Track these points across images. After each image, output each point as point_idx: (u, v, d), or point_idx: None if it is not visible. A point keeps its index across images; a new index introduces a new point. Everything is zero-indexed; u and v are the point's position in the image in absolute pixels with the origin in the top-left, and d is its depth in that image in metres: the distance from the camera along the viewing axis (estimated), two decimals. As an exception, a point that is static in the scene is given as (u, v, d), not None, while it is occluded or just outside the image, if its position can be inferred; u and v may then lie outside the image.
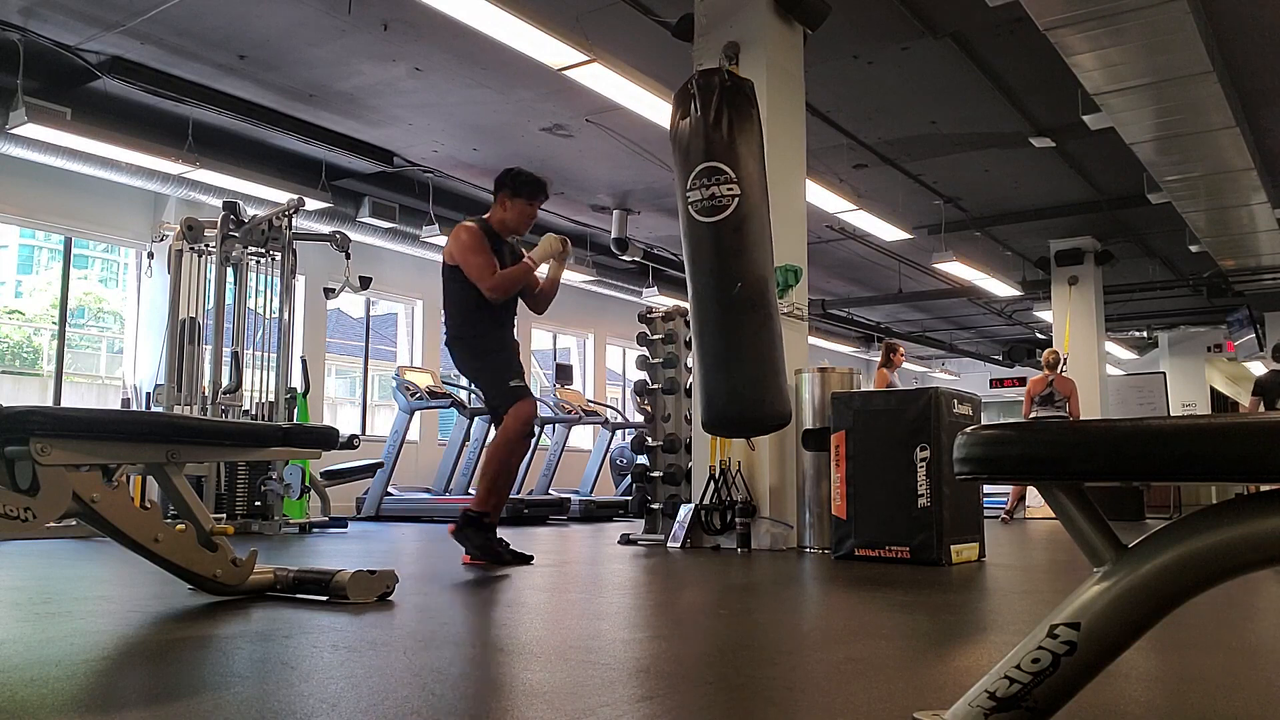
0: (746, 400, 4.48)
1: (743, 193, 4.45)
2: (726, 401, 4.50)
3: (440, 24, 5.98)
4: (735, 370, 4.45)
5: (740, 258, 4.46)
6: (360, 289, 7.10)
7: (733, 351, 4.45)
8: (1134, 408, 13.11)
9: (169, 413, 5.77)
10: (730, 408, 4.50)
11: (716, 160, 4.46)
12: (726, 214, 4.44)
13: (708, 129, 4.48)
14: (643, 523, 6.06)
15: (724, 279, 4.45)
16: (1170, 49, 5.62)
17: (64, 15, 6.22)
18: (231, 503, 6.43)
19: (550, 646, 2.13)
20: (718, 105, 4.48)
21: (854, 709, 1.53)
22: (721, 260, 4.46)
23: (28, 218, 8.35)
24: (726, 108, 4.50)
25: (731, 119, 4.50)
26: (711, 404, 4.55)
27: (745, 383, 4.45)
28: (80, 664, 1.85)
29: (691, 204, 4.53)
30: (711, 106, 4.48)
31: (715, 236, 4.47)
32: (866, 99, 7.53)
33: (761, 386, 4.48)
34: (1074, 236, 11.52)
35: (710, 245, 4.49)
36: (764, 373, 4.48)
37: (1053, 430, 1.15)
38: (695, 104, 4.53)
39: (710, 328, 4.50)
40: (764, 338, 4.48)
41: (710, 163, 4.47)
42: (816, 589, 3.52)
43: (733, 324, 4.45)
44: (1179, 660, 2.00)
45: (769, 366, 4.50)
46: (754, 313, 4.45)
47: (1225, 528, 1.07)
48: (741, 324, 4.45)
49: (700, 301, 4.56)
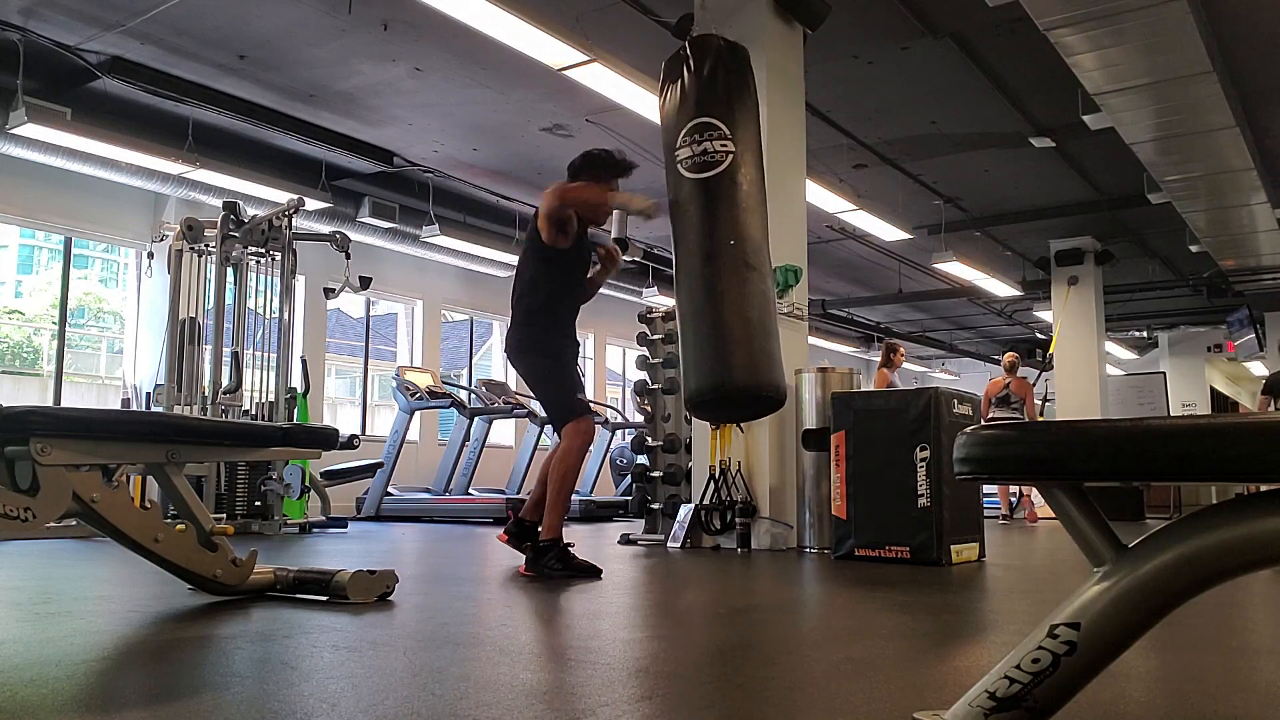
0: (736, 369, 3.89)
1: (737, 151, 4.10)
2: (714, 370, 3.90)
3: (440, 24, 5.98)
4: (724, 334, 3.89)
5: (733, 214, 4.02)
6: (360, 289, 7.10)
7: (721, 313, 3.90)
8: (1134, 408, 13.11)
9: (169, 413, 5.78)
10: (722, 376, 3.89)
11: (710, 116, 4.11)
12: (720, 169, 4.03)
13: (701, 85, 4.16)
14: (643, 523, 6.06)
15: (715, 234, 3.98)
16: (1170, 49, 5.62)
17: (64, 15, 6.22)
18: (231, 503, 6.43)
19: (550, 646, 2.13)
20: (713, 65, 4.19)
21: (854, 709, 1.53)
22: (712, 215, 4.00)
23: (28, 218, 8.35)
24: (723, 68, 4.21)
25: (730, 80, 4.21)
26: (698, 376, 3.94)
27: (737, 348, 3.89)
28: (80, 664, 1.85)
29: (680, 161, 4.11)
30: (706, 65, 4.19)
31: (705, 191, 4.04)
32: (866, 99, 7.52)
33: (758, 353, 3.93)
34: (1074, 236, 11.52)
35: (701, 201, 4.04)
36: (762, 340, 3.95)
37: (1053, 430, 1.15)
38: (688, 65, 4.21)
39: (697, 289, 3.97)
40: (759, 302, 4.00)
41: (704, 118, 4.11)
42: (816, 589, 3.52)
43: (722, 282, 3.92)
44: (1179, 660, 2.00)
45: (763, 335, 3.97)
46: (749, 273, 3.96)
47: (1225, 528, 1.07)
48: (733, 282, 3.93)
49: (686, 260, 4.04)
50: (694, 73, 4.20)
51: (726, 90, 4.19)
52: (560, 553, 3.66)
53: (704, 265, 3.96)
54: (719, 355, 3.89)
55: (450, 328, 13.78)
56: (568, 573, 3.63)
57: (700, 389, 3.94)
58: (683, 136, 4.14)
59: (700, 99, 4.15)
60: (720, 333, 3.90)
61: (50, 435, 2.22)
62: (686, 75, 4.21)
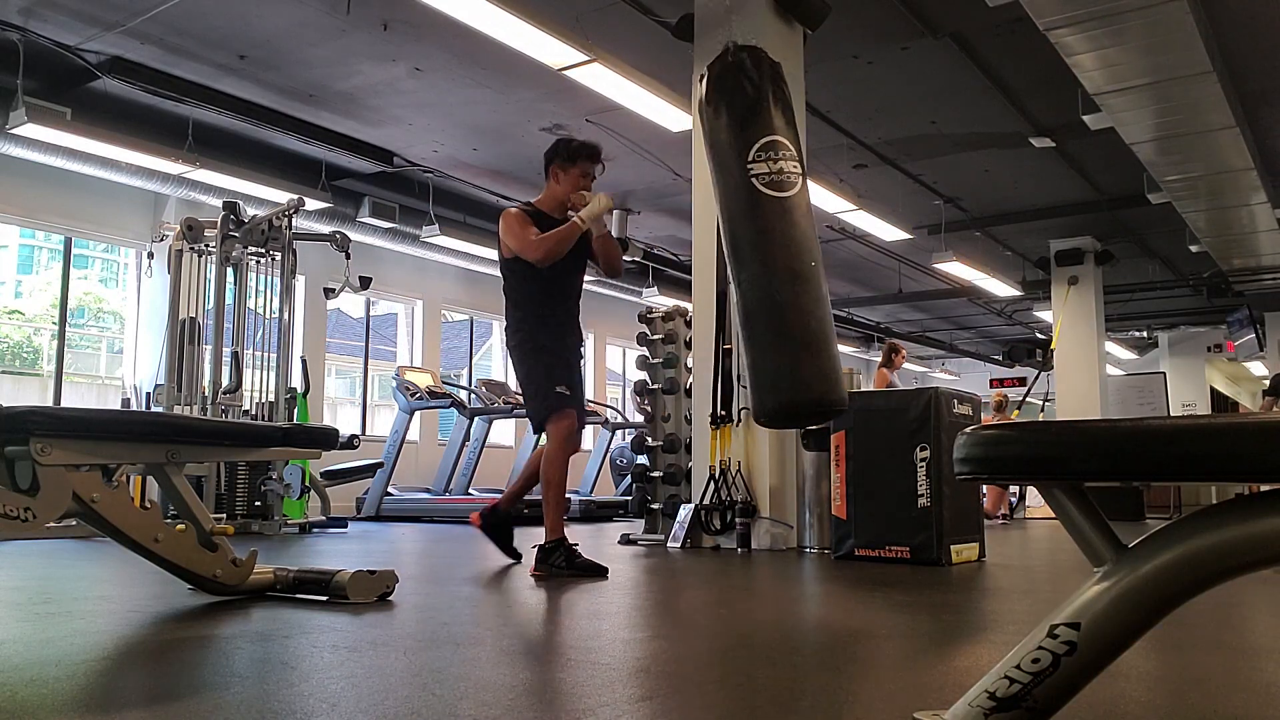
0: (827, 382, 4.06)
1: (803, 175, 4.25)
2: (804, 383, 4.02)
3: (440, 24, 5.98)
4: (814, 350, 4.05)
5: (809, 236, 4.19)
6: (360, 289, 7.11)
7: (811, 330, 4.06)
8: (1134, 408, 13.10)
9: (169, 413, 5.78)
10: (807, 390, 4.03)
11: (781, 136, 4.21)
12: (794, 192, 4.17)
13: (769, 103, 4.23)
14: (643, 523, 6.06)
15: (802, 254, 4.11)
16: (1170, 49, 5.62)
17: (64, 15, 6.22)
18: (231, 503, 6.43)
19: (550, 646, 2.13)
20: (774, 82, 4.28)
21: (854, 709, 1.53)
22: (795, 234, 4.12)
23: (28, 218, 8.35)
24: (781, 87, 4.31)
25: (787, 101, 4.32)
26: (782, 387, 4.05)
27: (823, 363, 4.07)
28: (80, 664, 1.85)
29: (756, 176, 4.15)
30: (768, 80, 4.26)
31: (785, 211, 4.14)
32: (866, 99, 7.52)
33: (837, 368, 4.17)
34: (1074, 236, 11.52)
35: (783, 219, 4.13)
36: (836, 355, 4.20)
37: (1053, 430, 1.15)
38: (748, 77, 4.25)
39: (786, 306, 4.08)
40: (829, 322, 4.20)
41: (776, 137, 4.19)
42: (816, 589, 3.52)
43: (810, 301, 4.08)
44: (1179, 660, 1.99)
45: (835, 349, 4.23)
46: (823, 295, 4.17)
47: (1225, 528, 1.07)
48: (814, 301, 4.10)
49: (767, 277, 4.10)
50: (758, 86, 4.23)
51: (787, 113, 4.28)
52: (566, 552, 3.71)
53: (790, 284, 4.07)
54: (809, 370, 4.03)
55: (450, 328, 13.79)
56: (573, 571, 3.67)
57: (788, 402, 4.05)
58: (755, 152, 4.17)
59: (771, 120, 4.21)
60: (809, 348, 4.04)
61: (50, 435, 2.22)
62: (749, 87, 4.24)
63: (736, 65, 4.29)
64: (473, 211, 10.08)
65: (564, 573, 3.66)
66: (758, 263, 4.15)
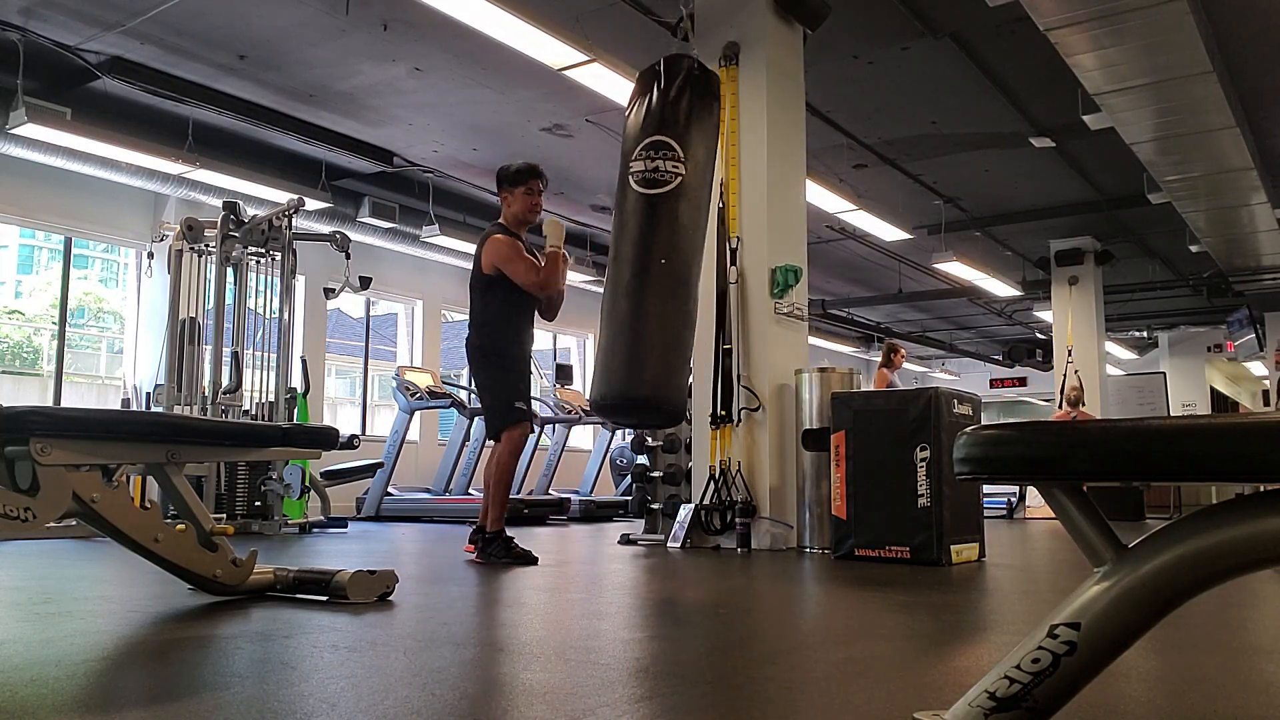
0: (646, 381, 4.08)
1: (686, 174, 4.31)
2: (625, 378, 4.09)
3: (440, 24, 5.98)
4: (641, 346, 4.10)
5: (671, 234, 4.25)
6: (360, 289, 7.10)
7: (642, 325, 4.13)
8: (1134, 408, 13.11)
9: (169, 413, 5.78)
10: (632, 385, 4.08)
11: (667, 136, 4.34)
12: (666, 189, 4.27)
13: (665, 105, 4.38)
14: (643, 523, 6.06)
15: (649, 250, 4.21)
16: (1170, 49, 5.62)
17: (64, 15, 6.22)
18: (231, 503, 6.43)
19: (550, 646, 2.13)
20: (681, 86, 4.41)
21: (854, 709, 1.53)
22: (651, 231, 4.24)
23: (28, 218, 8.35)
24: (689, 91, 4.42)
25: (692, 103, 4.41)
26: (608, 379, 4.13)
27: (649, 360, 4.09)
28: (80, 664, 1.85)
29: (633, 173, 4.33)
30: (674, 86, 4.40)
31: (650, 208, 4.27)
32: (866, 99, 7.52)
33: (666, 369, 4.14)
34: (1074, 236, 11.52)
35: (642, 216, 4.27)
36: (671, 358, 4.17)
37: (1053, 430, 1.15)
38: (659, 82, 4.43)
39: (622, 298, 4.18)
40: (677, 321, 4.20)
41: (660, 136, 4.33)
42: (816, 589, 3.52)
43: (648, 298, 4.15)
44: (1179, 660, 2.00)
45: (677, 353, 4.19)
46: (673, 294, 4.18)
47: (1225, 528, 1.07)
48: (656, 299, 4.15)
49: (617, 269, 4.26)
50: (661, 91, 4.42)
51: (689, 113, 4.40)
52: (504, 544, 4.23)
53: (633, 279, 4.21)
54: (632, 365, 4.13)
55: (450, 328, 13.78)
56: (509, 559, 4.18)
57: (608, 393, 4.15)
58: (639, 150, 4.37)
59: (663, 118, 4.38)
60: (638, 344, 4.15)
61: (50, 435, 2.22)
62: (655, 92, 4.44)
63: (652, 71, 4.50)
64: (473, 211, 10.08)
65: (500, 561, 4.18)
66: (611, 254, 4.40)
